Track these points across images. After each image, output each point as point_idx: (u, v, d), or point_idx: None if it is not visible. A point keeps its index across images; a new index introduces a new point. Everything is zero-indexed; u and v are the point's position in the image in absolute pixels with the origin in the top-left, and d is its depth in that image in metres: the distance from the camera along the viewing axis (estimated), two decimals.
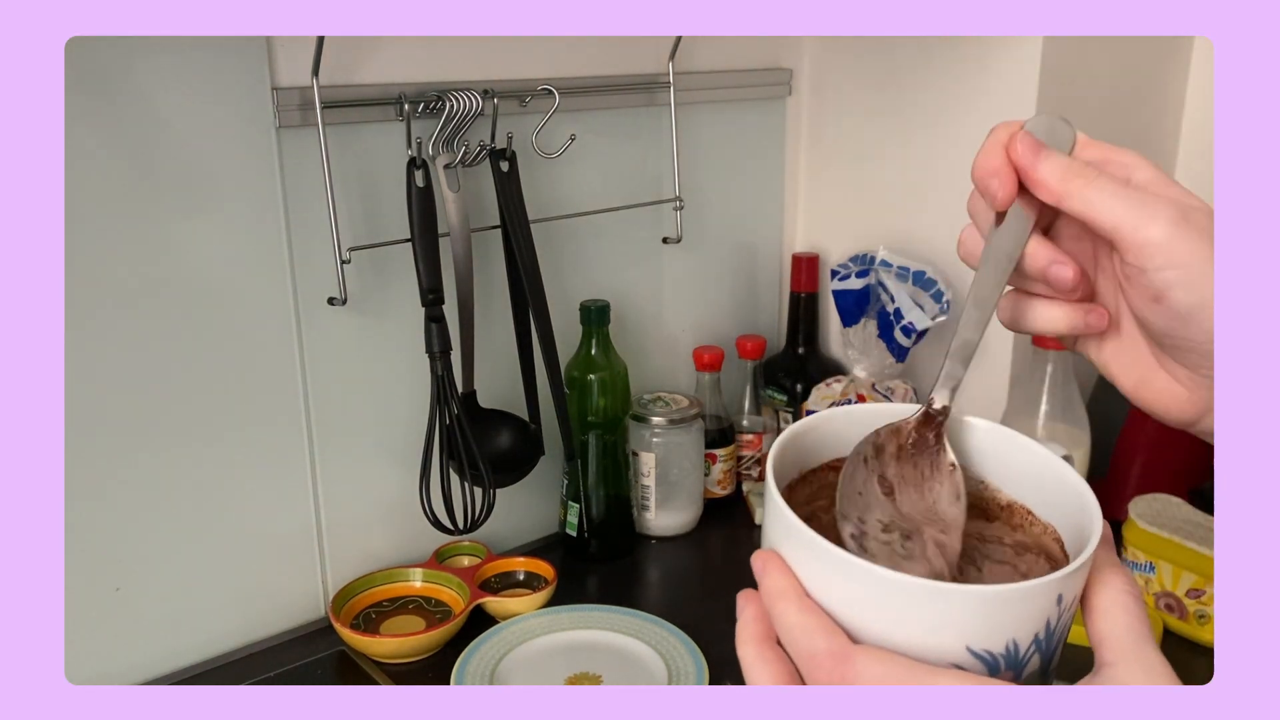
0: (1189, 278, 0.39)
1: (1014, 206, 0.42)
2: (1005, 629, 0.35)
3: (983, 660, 0.35)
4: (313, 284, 0.92)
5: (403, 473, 1.00)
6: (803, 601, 0.37)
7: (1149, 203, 0.39)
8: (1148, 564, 0.96)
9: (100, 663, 0.88)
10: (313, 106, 0.87)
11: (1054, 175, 0.40)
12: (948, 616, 0.35)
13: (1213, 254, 0.39)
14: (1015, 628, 0.35)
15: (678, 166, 1.15)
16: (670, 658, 0.90)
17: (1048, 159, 0.40)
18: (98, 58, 0.78)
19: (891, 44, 1.17)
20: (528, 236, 0.98)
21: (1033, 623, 0.35)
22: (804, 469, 0.44)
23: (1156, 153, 1.25)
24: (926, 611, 0.35)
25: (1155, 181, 0.41)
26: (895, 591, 0.35)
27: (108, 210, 0.81)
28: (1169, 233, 0.39)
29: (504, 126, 0.98)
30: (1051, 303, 0.44)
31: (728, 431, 1.20)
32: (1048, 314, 0.44)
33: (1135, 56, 1.16)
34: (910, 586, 0.35)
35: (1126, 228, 0.39)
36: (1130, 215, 0.39)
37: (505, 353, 1.04)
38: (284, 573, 0.97)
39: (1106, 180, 0.40)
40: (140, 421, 0.86)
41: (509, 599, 0.97)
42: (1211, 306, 0.40)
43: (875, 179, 1.22)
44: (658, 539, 1.15)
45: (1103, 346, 0.45)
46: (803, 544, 0.37)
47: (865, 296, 1.16)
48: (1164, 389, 0.43)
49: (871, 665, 0.35)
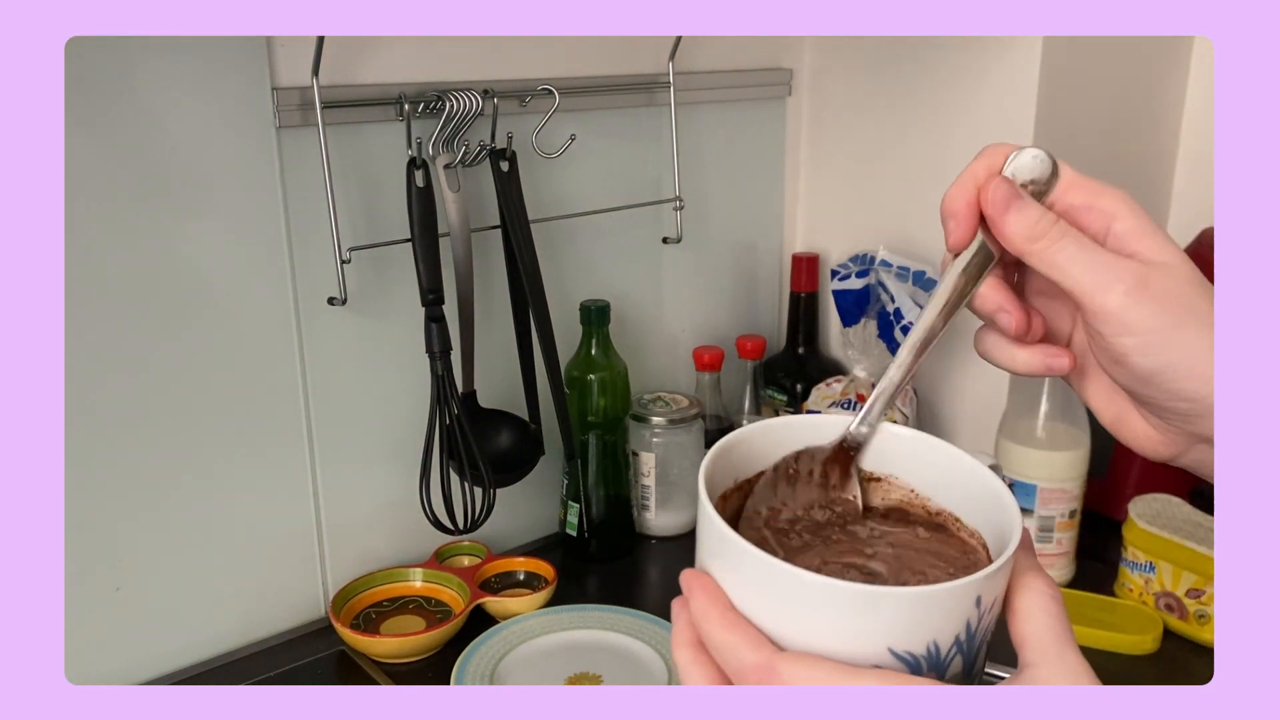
0: (1145, 344, 0.40)
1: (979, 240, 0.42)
2: (926, 630, 0.36)
3: (905, 661, 0.36)
4: (313, 284, 0.92)
5: (403, 472, 1.00)
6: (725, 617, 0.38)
7: (1110, 268, 0.39)
8: (1148, 564, 0.96)
9: (100, 663, 0.88)
10: (313, 106, 0.87)
11: (1020, 231, 0.40)
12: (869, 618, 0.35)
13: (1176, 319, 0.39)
14: (936, 629, 0.36)
15: (678, 166, 1.15)
16: (670, 658, 0.90)
17: (1018, 213, 0.40)
18: (98, 58, 0.78)
19: (891, 44, 1.17)
20: (528, 236, 0.98)
21: (953, 624, 0.36)
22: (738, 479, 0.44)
23: (1156, 153, 1.25)
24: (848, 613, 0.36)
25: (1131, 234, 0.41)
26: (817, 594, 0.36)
27: (108, 210, 0.81)
28: (1123, 302, 0.39)
29: (504, 126, 0.98)
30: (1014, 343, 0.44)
31: (727, 431, 1.20)
32: (1010, 353, 0.44)
33: (1135, 56, 1.16)
34: (832, 588, 0.35)
35: (1085, 294, 0.40)
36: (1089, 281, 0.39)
37: (505, 353, 1.04)
38: (284, 573, 0.97)
39: (1070, 241, 0.40)
40: (140, 421, 0.86)
41: (509, 599, 0.97)
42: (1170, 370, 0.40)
43: (875, 179, 1.22)
44: (658, 539, 1.15)
45: (1083, 383, 0.46)
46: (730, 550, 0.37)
47: (865, 296, 1.16)
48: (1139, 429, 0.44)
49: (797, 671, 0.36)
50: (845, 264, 1.19)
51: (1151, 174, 1.26)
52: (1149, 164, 1.25)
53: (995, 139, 1.17)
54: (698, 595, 0.39)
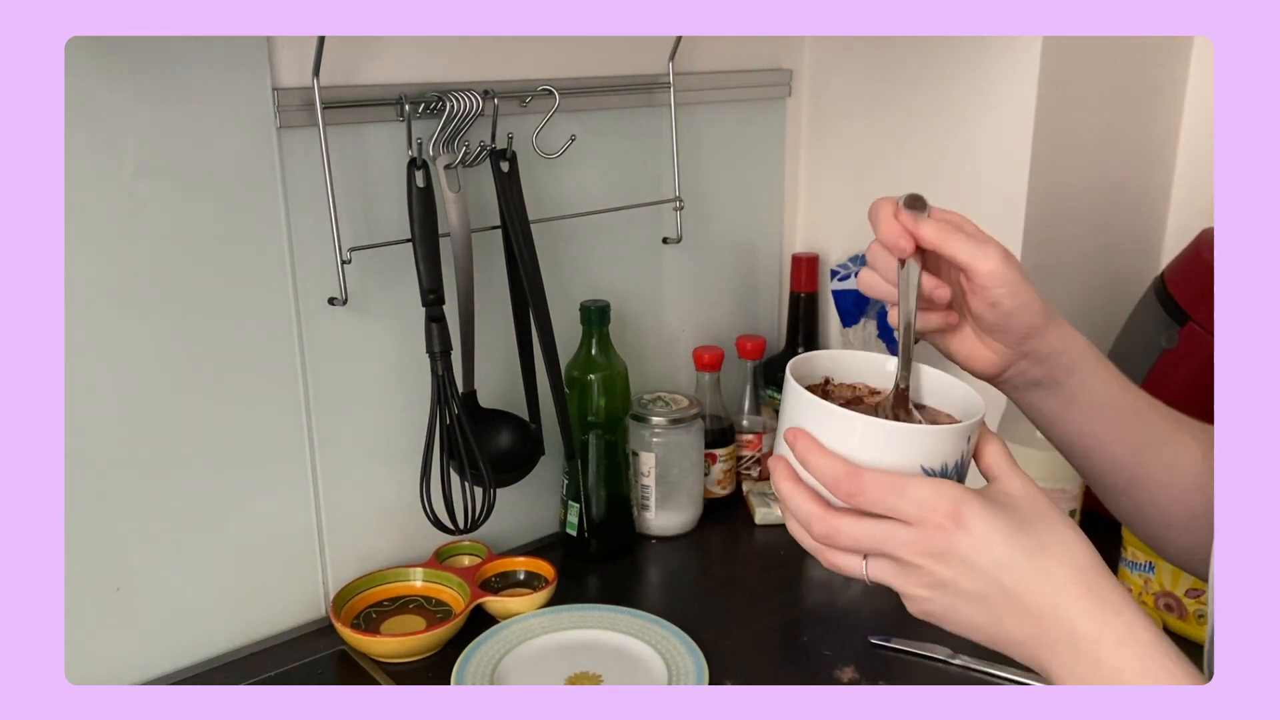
0: (1011, 290, 0.62)
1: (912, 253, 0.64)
2: (942, 455, 0.57)
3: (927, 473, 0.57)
4: (313, 284, 0.92)
5: (403, 473, 1.00)
6: (822, 450, 0.58)
7: (984, 247, 0.62)
8: (1147, 564, 0.96)
9: (100, 663, 0.88)
10: (313, 107, 0.87)
11: (930, 234, 0.62)
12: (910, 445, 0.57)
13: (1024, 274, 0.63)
14: (946, 454, 0.58)
15: (678, 166, 1.15)
16: (670, 658, 0.90)
17: (925, 224, 0.62)
18: (98, 58, 0.78)
19: (891, 44, 1.17)
20: (528, 237, 0.98)
21: (956, 452, 0.58)
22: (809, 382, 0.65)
23: (1156, 153, 1.25)
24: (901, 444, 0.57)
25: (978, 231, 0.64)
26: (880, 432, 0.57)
27: (107, 210, 0.81)
28: (998, 264, 0.62)
29: (504, 127, 0.98)
30: (928, 311, 0.66)
31: (727, 431, 1.20)
32: (926, 318, 0.66)
33: (1135, 56, 1.16)
34: (889, 427, 0.58)
35: (973, 262, 0.62)
36: (975, 253, 0.62)
37: (505, 353, 1.04)
38: (284, 572, 0.97)
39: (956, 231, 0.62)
40: (140, 421, 0.86)
41: (509, 599, 0.97)
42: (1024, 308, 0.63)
43: (875, 179, 1.22)
44: (658, 539, 1.15)
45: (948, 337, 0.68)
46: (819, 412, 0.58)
47: (865, 297, 1.16)
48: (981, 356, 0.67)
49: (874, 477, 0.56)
50: (845, 264, 1.19)
51: (1151, 174, 1.26)
52: (1149, 164, 1.25)
53: (995, 139, 1.18)
54: (801, 439, 0.58)
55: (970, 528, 0.54)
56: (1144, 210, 1.27)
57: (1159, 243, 1.31)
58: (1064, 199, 1.14)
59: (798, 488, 0.59)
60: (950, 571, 0.55)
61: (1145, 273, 1.25)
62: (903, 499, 0.55)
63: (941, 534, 0.55)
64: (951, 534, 0.54)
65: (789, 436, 0.59)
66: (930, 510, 0.55)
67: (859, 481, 0.56)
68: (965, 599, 0.55)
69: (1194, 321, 1.01)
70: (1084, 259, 1.19)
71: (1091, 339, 0.69)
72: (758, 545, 1.15)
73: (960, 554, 0.55)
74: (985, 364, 0.67)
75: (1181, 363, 1.01)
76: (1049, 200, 1.11)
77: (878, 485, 0.55)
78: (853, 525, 0.57)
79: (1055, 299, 0.67)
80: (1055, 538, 0.56)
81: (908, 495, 0.55)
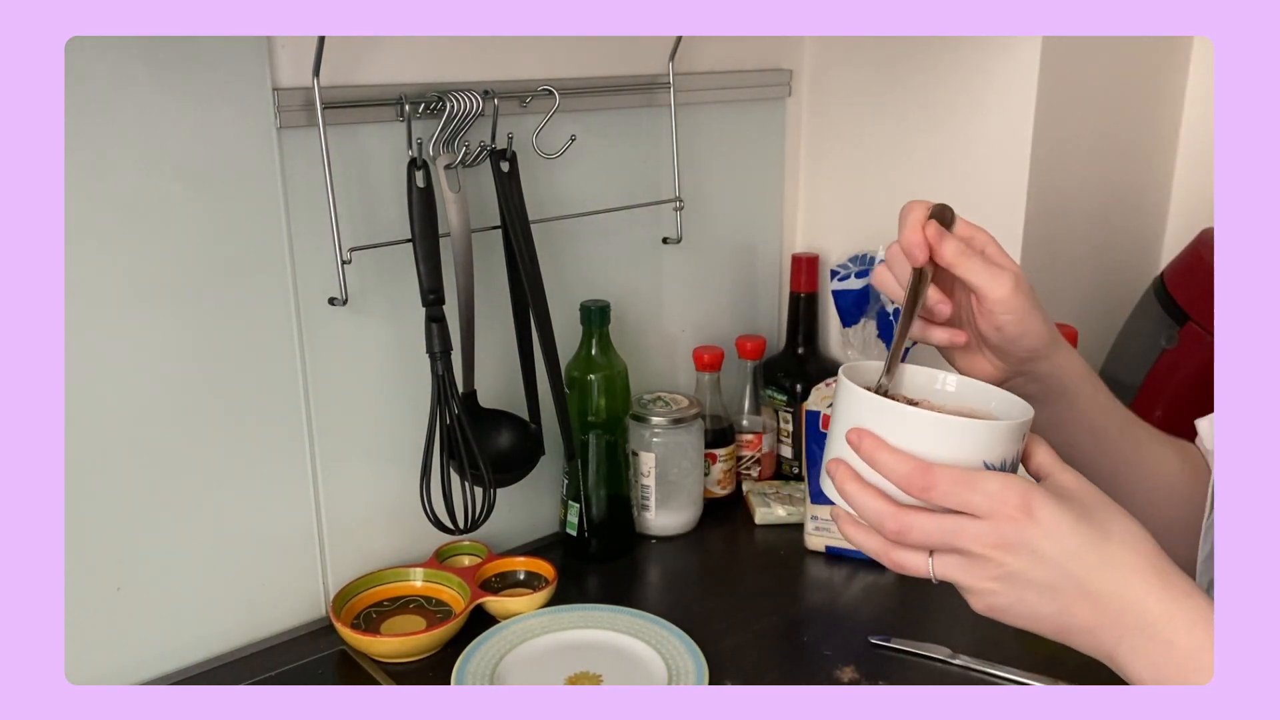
0: (1019, 318, 0.65)
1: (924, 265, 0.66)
2: (1003, 450, 0.59)
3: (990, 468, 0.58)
4: (313, 284, 0.92)
5: (403, 473, 1.00)
6: (888, 448, 0.58)
7: (998, 274, 0.64)
8: None
9: (100, 663, 0.88)
10: (313, 107, 0.87)
11: (949, 252, 0.64)
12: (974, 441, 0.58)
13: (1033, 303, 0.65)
14: (1007, 450, 0.59)
15: (678, 167, 1.15)
16: (670, 658, 0.90)
17: (947, 242, 0.64)
18: (98, 57, 0.78)
19: (891, 44, 1.17)
20: (528, 237, 0.98)
21: (1014, 448, 0.60)
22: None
23: (1157, 153, 1.25)
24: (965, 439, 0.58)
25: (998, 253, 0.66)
26: (945, 428, 0.58)
27: (107, 210, 0.81)
28: (1009, 292, 0.64)
29: (504, 127, 0.98)
30: (934, 326, 0.68)
31: (727, 431, 1.20)
32: (932, 333, 0.69)
33: (1135, 56, 1.16)
34: (962, 423, 0.59)
35: (985, 288, 0.64)
36: (988, 279, 0.64)
37: (505, 353, 1.04)
38: (284, 573, 0.97)
39: (974, 256, 0.65)
40: (141, 421, 0.86)
41: (509, 599, 0.97)
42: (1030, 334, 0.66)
43: (875, 179, 1.23)
44: (658, 539, 1.15)
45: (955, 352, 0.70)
46: (887, 411, 0.60)
47: (865, 296, 1.17)
48: (982, 369, 0.69)
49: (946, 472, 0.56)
50: (845, 264, 1.19)
51: (1151, 174, 1.26)
52: (1149, 164, 1.25)
53: (995, 139, 1.18)
54: (866, 440, 0.59)
55: (1040, 518, 0.55)
56: (1144, 210, 1.27)
57: (1159, 243, 1.31)
58: (1064, 199, 1.14)
59: (864, 488, 0.59)
60: (1020, 563, 0.56)
61: (1145, 273, 1.26)
62: (975, 492, 0.56)
63: (1013, 525, 0.55)
64: (1023, 525, 0.55)
65: (852, 437, 0.59)
66: (1001, 502, 0.55)
67: (931, 476, 0.56)
68: (1034, 590, 0.56)
69: (1194, 321, 1.01)
70: (1084, 259, 1.19)
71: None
72: (758, 545, 1.15)
73: (1031, 545, 0.55)
74: (984, 376, 0.69)
75: (1181, 363, 1.02)
76: (1049, 200, 1.11)
77: (950, 480, 0.56)
78: (925, 520, 0.57)
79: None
80: (1118, 526, 0.57)
81: (979, 488, 0.56)
